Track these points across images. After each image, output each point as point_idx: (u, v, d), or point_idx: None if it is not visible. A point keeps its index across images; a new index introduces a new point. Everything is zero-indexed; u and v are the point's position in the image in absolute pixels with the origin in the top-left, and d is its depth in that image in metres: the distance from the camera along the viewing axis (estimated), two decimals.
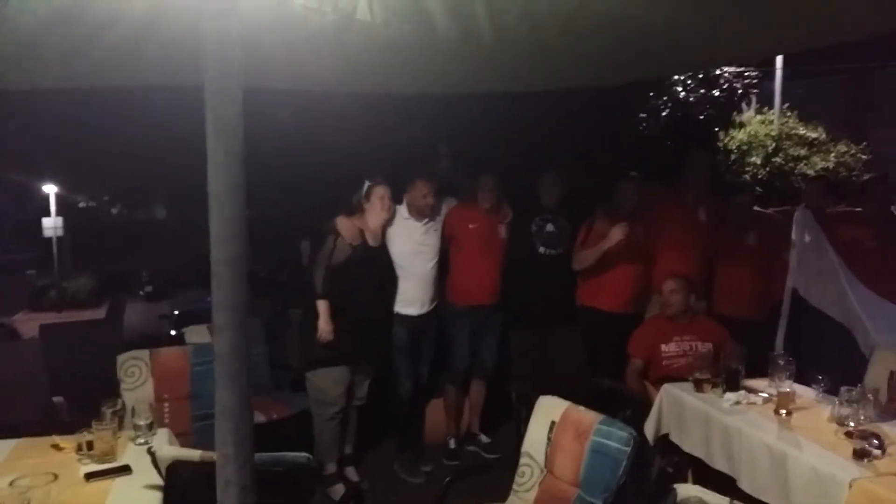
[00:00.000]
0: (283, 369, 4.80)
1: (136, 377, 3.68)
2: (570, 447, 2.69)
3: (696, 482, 3.57)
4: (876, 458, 2.66)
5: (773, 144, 9.09)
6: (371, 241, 4.25)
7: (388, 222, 4.35)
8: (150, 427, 2.95)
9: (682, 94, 7.60)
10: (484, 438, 4.91)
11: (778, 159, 8.97)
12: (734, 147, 8.89)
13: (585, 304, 4.75)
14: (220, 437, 1.52)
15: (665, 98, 7.42)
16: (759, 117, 9.76)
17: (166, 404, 3.71)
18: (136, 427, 2.94)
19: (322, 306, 4.08)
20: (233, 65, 1.48)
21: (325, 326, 4.07)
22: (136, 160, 10.67)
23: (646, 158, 6.05)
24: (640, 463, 3.69)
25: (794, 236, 4.35)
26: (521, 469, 2.87)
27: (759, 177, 8.74)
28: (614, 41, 2.32)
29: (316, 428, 4.23)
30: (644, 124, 7.11)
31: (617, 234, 4.39)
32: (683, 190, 4.83)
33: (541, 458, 2.80)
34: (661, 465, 3.81)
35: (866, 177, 6.64)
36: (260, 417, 4.04)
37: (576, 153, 5.47)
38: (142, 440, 2.88)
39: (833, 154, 9.12)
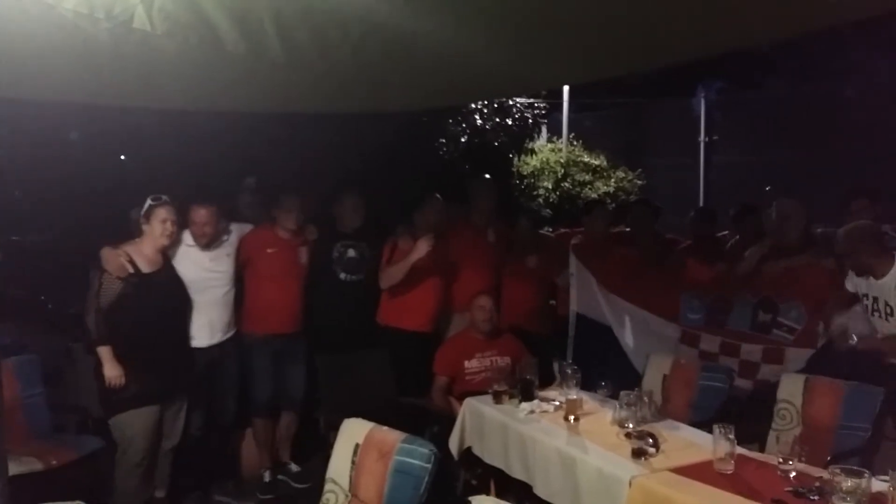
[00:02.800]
0: (70, 411, 4.35)
1: None
2: (373, 469, 2.67)
3: (498, 492, 3.73)
4: (651, 455, 2.91)
5: (562, 170, 9.82)
6: (146, 268, 3.91)
7: (172, 247, 4.09)
8: None
9: (479, 122, 7.98)
10: (294, 467, 4.75)
11: (566, 184, 9.71)
12: (528, 172, 9.48)
13: (389, 323, 4.78)
14: None
15: (464, 125, 7.75)
16: (549, 145, 10.50)
17: None
18: None
19: (103, 353, 3.75)
20: None
21: (111, 373, 3.74)
22: None
23: (446, 182, 6.26)
24: (446, 478, 3.81)
25: (571, 265, 5.03)
26: (325, 496, 2.79)
27: (551, 200, 9.40)
28: (405, 69, 2.38)
29: (118, 474, 3.87)
30: (444, 150, 7.36)
31: (424, 246, 4.45)
32: (474, 213, 5.09)
33: (345, 483, 2.75)
34: (466, 478, 3.90)
35: (633, 200, 7.46)
36: (36, 465, 3.64)
37: (378, 177, 5.54)
38: None
39: (613, 179, 10.02)
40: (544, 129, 10.70)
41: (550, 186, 9.58)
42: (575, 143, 10.71)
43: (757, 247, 4.47)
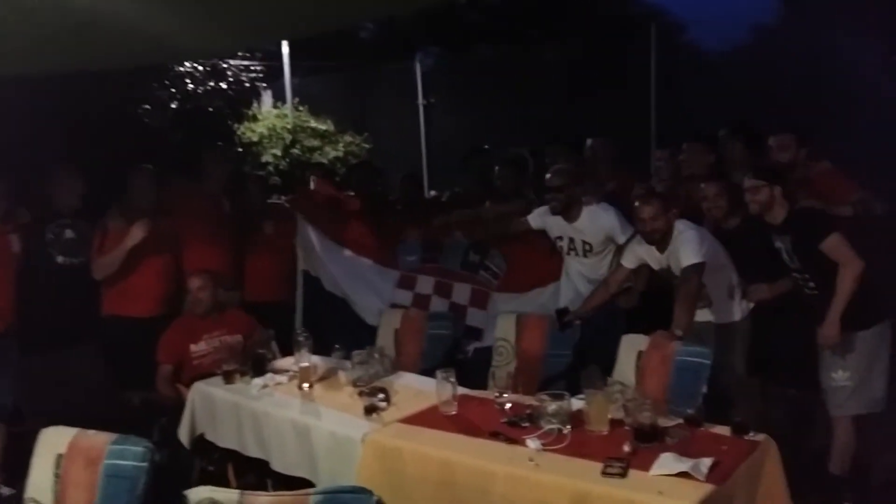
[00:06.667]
0: None
1: None
2: (81, 479, 2.38)
3: (237, 474, 3.59)
4: (383, 410, 2.97)
5: (290, 137, 9.60)
6: None
7: None
8: None
9: (191, 85, 7.46)
10: (6, 490, 4.16)
11: (296, 150, 9.52)
12: (254, 139, 9.13)
13: (113, 312, 4.38)
14: None
15: (174, 90, 7.19)
16: (275, 111, 10.18)
17: None
18: None
19: None
20: None
21: None
22: None
23: (155, 151, 5.79)
24: (181, 469, 3.58)
25: (298, 225, 5.00)
26: None
27: (280, 167, 9.15)
28: (63, 21, 2.07)
29: None
30: (149, 117, 6.76)
31: (138, 233, 4.15)
32: (204, 184, 4.81)
33: (48, 501, 2.43)
34: (201, 466, 3.70)
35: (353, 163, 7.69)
36: None
37: (75, 147, 4.94)
38: None
39: (342, 144, 10.02)
40: (268, 94, 10.36)
41: (279, 153, 9.33)
42: (301, 108, 10.51)
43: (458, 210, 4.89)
